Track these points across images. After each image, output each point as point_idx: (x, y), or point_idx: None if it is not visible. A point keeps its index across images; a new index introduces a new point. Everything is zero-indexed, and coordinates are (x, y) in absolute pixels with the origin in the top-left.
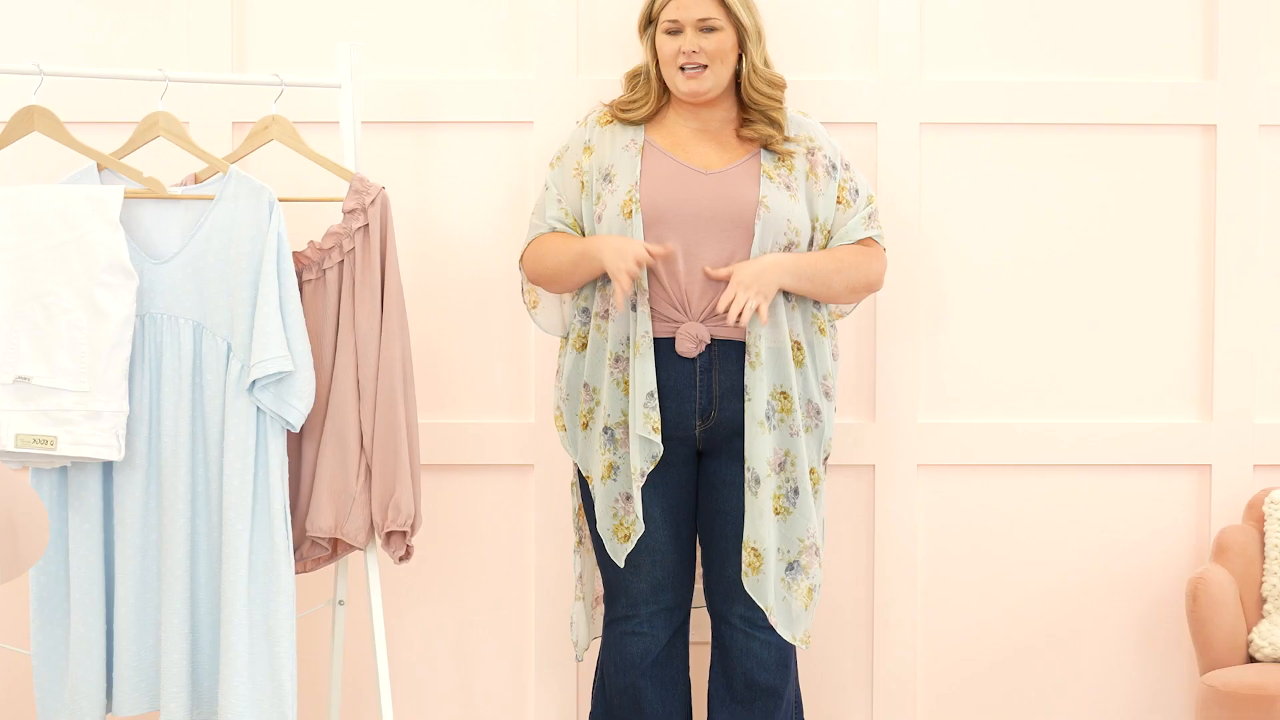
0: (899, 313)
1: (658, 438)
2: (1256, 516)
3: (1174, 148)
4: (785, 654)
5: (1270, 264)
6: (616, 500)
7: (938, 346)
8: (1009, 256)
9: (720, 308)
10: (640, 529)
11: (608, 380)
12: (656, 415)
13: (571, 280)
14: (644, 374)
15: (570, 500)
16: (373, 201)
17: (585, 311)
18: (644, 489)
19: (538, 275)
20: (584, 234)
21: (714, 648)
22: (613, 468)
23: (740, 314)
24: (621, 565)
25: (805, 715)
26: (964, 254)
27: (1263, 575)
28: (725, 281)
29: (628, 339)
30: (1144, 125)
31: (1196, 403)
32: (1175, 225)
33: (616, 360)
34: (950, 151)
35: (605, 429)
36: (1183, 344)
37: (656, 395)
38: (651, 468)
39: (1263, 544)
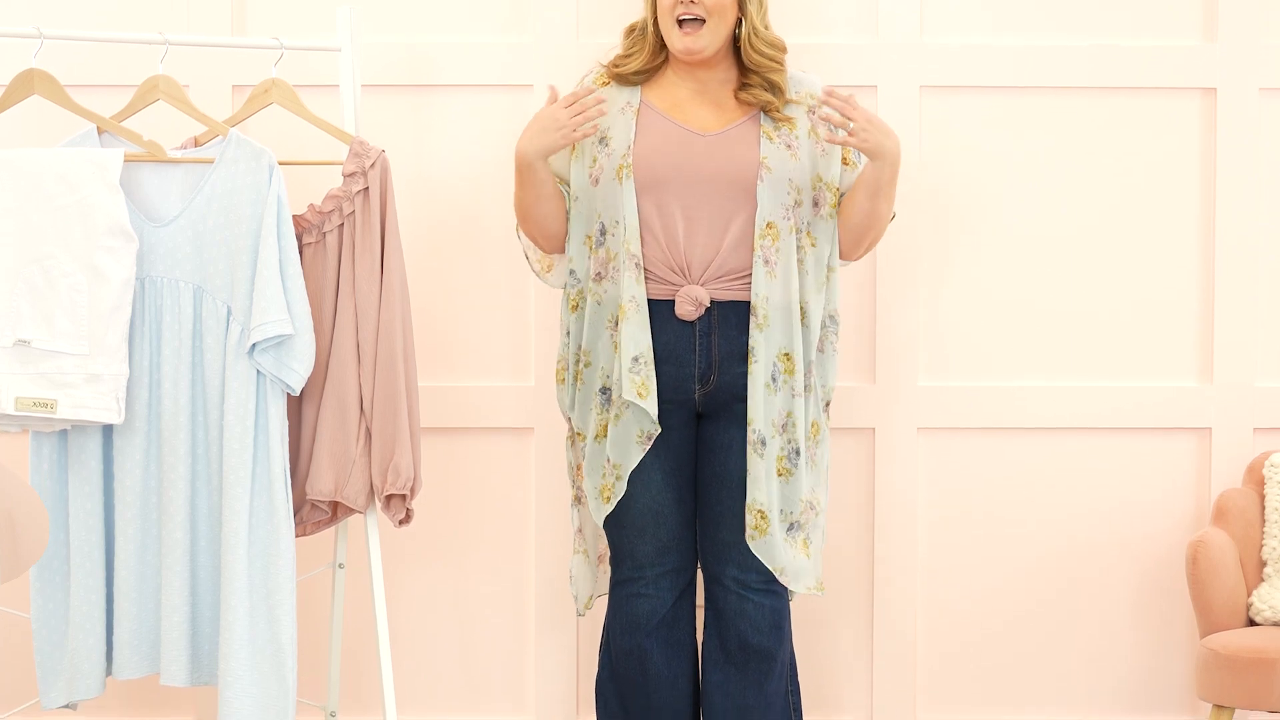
0: (899, 275)
1: (645, 402)
2: (1256, 480)
3: (1174, 111)
4: (779, 616)
5: (1271, 228)
6: (606, 461)
7: (938, 310)
8: (1009, 219)
9: (828, 103)
10: (621, 491)
11: (606, 342)
12: (642, 379)
13: (538, 206)
14: (630, 338)
15: (568, 458)
16: (372, 165)
17: (573, 274)
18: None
19: (524, 226)
20: (571, 194)
21: (707, 610)
22: (606, 428)
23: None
24: (600, 525)
25: (804, 677)
26: (964, 217)
27: (1262, 538)
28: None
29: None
30: (1144, 89)
31: (1196, 366)
32: (1176, 189)
33: (615, 323)
34: (950, 114)
35: (603, 389)
36: (1183, 307)
37: (648, 360)
38: (656, 431)
39: (1263, 507)
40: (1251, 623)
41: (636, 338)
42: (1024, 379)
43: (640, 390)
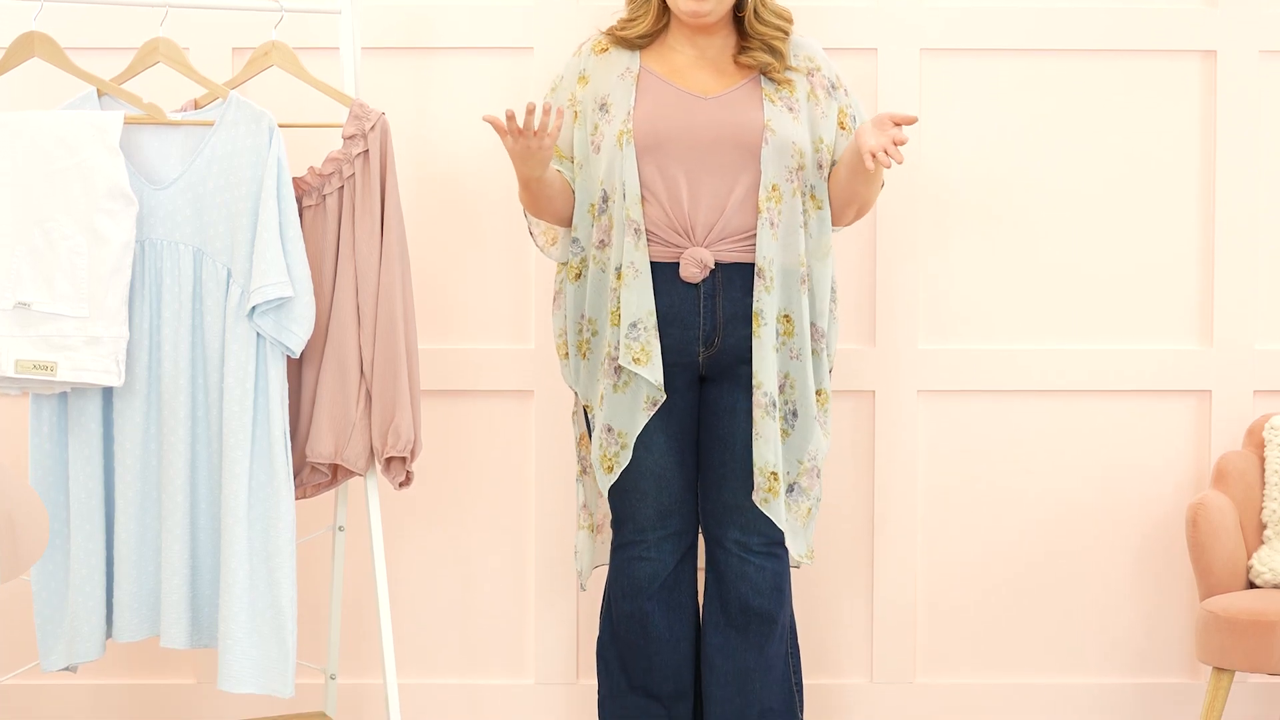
0: (899, 238)
1: (642, 368)
2: (1256, 442)
3: (1174, 74)
4: (780, 579)
5: (1270, 190)
6: (607, 430)
7: (938, 272)
8: (1009, 182)
9: (870, 163)
10: (626, 459)
11: (608, 309)
12: (641, 345)
13: (550, 204)
14: (627, 304)
15: (572, 429)
16: (373, 127)
17: (576, 242)
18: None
19: (534, 215)
20: (575, 164)
21: (708, 572)
22: (604, 398)
23: (885, 152)
24: (605, 496)
25: (804, 640)
26: (964, 180)
27: (1262, 501)
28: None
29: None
30: (1144, 51)
31: (1197, 328)
32: (1176, 151)
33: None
34: (951, 77)
35: (609, 357)
36: (1183, 270)
37: (648, 325)
38: (662, 397)
39: (1262, 470)
40: (1251, 585)
41: (635, 303)
42: (1024, 342)
43: (637, 356)
